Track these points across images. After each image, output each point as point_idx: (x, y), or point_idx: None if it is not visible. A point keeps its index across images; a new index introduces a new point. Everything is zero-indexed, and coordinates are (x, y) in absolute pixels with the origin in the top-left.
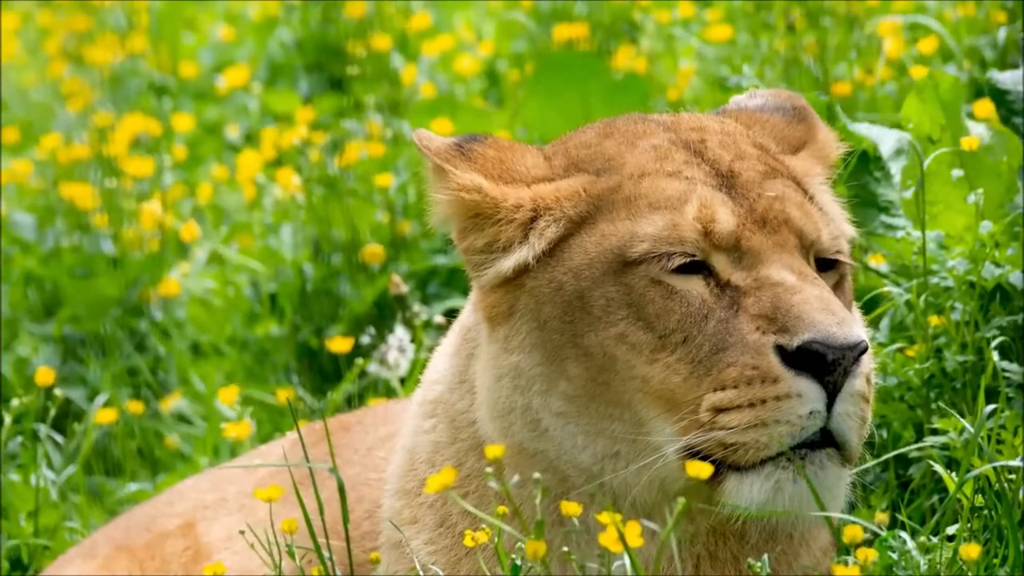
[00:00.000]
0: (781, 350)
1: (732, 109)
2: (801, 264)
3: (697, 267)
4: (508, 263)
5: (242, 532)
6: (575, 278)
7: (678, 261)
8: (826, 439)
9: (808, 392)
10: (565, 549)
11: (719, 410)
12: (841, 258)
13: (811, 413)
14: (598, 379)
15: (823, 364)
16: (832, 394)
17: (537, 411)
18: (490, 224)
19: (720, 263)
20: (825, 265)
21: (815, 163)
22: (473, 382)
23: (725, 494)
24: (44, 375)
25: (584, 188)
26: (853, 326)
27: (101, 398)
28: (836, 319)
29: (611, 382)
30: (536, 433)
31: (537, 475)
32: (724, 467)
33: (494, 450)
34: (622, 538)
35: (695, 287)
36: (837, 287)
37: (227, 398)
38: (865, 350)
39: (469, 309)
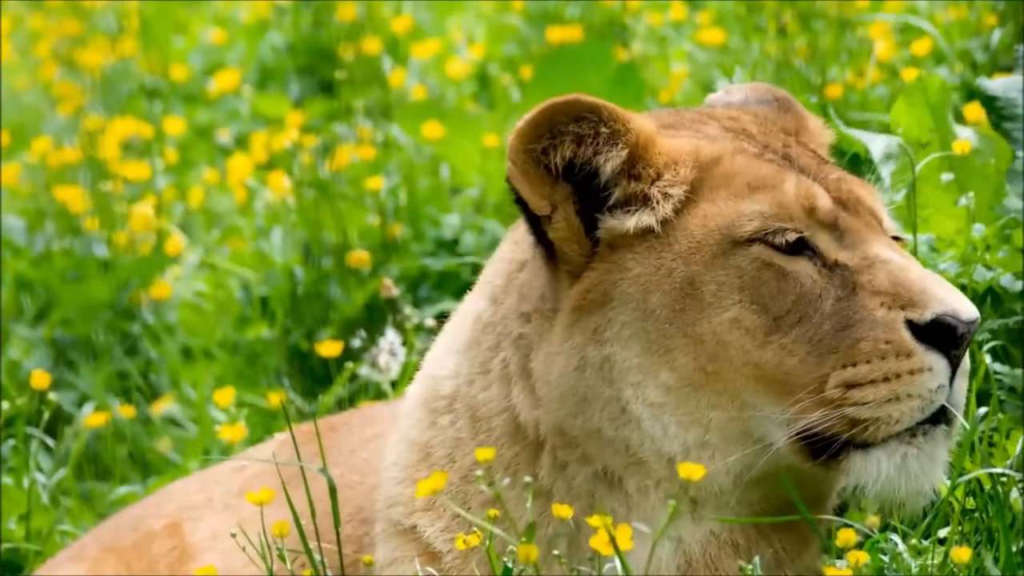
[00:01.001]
0: (911, 324)
1: (715, 106)
2: (893, 242)
3: (801, 247)
4: (628, 223)
5: (233, 535)
6: (684, 263)
7: (791, 236)
8: (941, 415)
9: (937, 366)
10: (556, 552)
11: (850, 386)
12: (902, 236)
13: (939, 387)
14: (707, 368)
15: (952, 338)
16: (954, 368)
17: (628, 401)
18: (646, 174)
19: (824, 242)
20: None
21: (818, 148)
22: (500, 372)
23: (848, 473)
24: (39, 379)
25: (693, 151)
26: (969, 301)
27: (91, 403)
28: (956, 294)
29: (721, 370)
30: (620, 422)
31: (527, 479)
32: (848, 446)
33: (484, 452)
34: (614, 541)
35: (804, 268)
36: None
37: (223, 400)
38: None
39: (485, 304)
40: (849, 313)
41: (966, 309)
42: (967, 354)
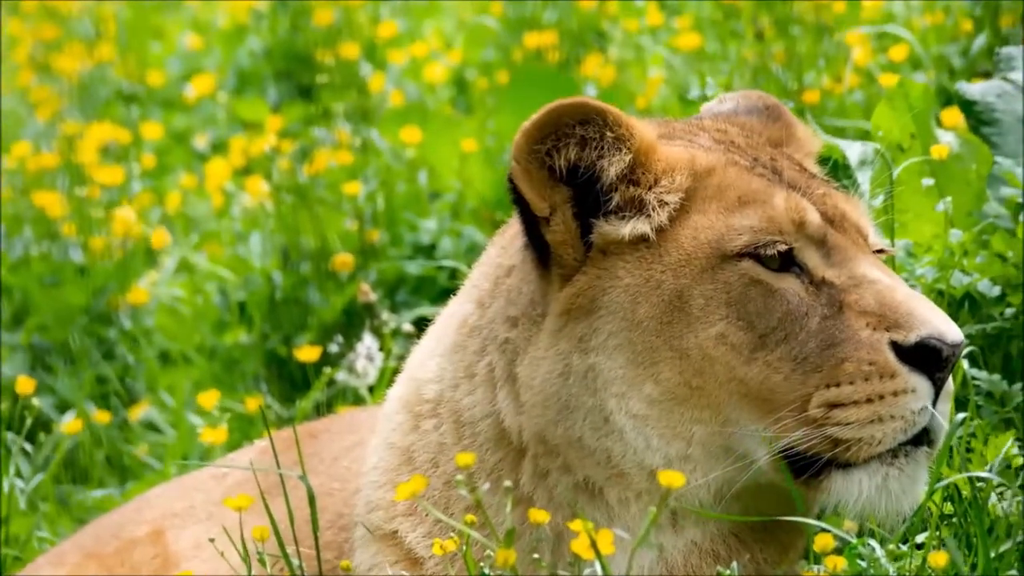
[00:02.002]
0: (895, 346)
1: (705, 116)
2: (879, 260)
3: (789, 263)
4: (624, 229)
5: (212, 540)
6: (674, 275)
7: (781, 248)
8: (922, 437)
9: (921, 388)
10: (536, 556)
11: (833, 406)
12: (886, 249)
13: (922, 409)
14: (692, 382)
15: (937, 360)
16: (938, 391)
17: (611, 412)
18: (645, 181)
19: (812, 258)
20: None
21: (804, 158)
22: (485, 377)
23: (829, 492)
24: (24, 384)
25: (688, 160)
26: (955, 324)
27: (70, 409)
28: (943, 316)
29: (706, 385)
30: (602, 432)
31: (508, 483)
32: (830, 465)
33: (465, 458)
34: (591, 546)
35: (792, 285)
36: None
37: (206, 403)
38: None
39: (472, 308)
40: (834, 332)
41: (951, 332)
42: (951, 377)
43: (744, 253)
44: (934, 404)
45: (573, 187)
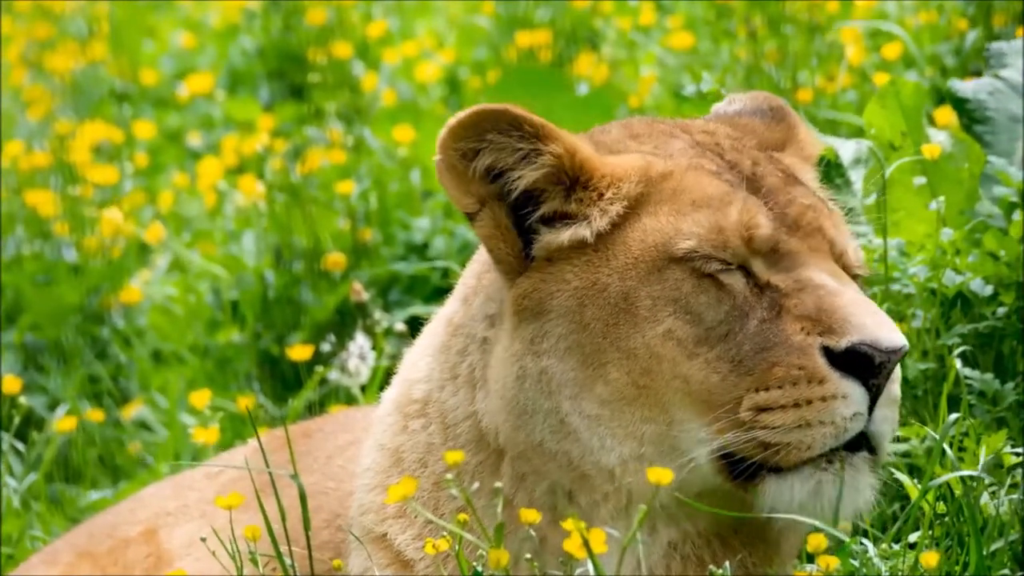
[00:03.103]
0: (827, 351)
1: (707, 117)
2: (837, 269)
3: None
4: (562, 237)
5: (203, 539)
6: (620, 278)
7: (716, 266)
8: (861, 442)
9: (853, 394)
10: (528, 557)
11: (761, 410)
12: (863, 273)
13: (855, 415)
14: (639, 382)
15: (869, 366)
16: (874, 397)
17: (566, 414)
18: (581, 190)
19: (757, 266)
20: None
21: (801, 162)
22: (468, 377)
23: (763, 496)
24: (11, 384)
25: (646, 167)
26: (897, 330)
27: (62, 407)
28: (881, 322)
29: (652, 384)
30: (561, 435)
31: (498, 484)
32: (764, 469)
33: (454, 456)
34: (586, 544)
35: (737, 283)
36: None
37: (198, 402)
38: (906, 354)
39: (457, 306)
40: (769, 336)
41: (888, 338)
42: (896, 382)
43: (688, 258)
44: (871, 410)
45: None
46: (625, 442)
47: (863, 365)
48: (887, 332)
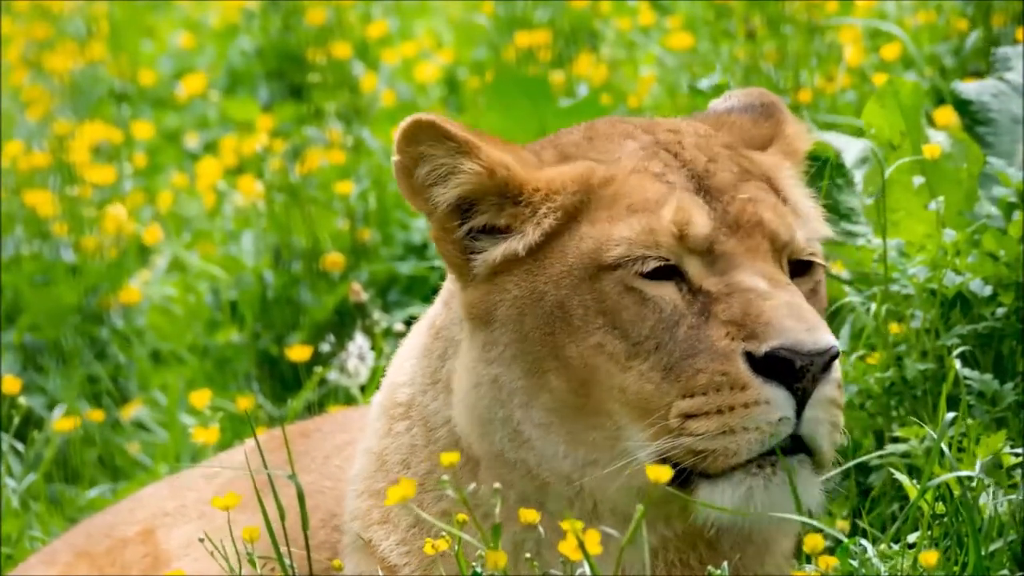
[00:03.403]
0: (750, 357)
1: (703, 113)
2: (773, 270)
3: (670, 272)
4: (495, 253)
5: (201, 540)
6: (555, 287)
7: (652, 265)
8: (797, 445)
9: (776, 399)
10: (527, 556)
11: (688, 416)
12: (816, 259)
13: (780, 420)
14: (579, 391)
15: (792, 371)
16: (802, 400)
17: (519, 422)
18: (509, 206)
19: (693, 268)
20: (801, 268)
21: (784, 158)
22: (447, 382)
23: (691, 501)
24: (11, 384)
25: (586, 174)
26: (823, 332)
27: (61, 407)
28: (806, 325)
29: (591, 393)
30: (517, 443)
31: (498, 485)
32: (695, 475)
33: (449, 457)
34: (582, 546)
35: (667, 293)
36: (813, 291)
37: (198, 402)
38: (835, 356)
39: (440, 308)
40: (695, 342)
41: (810, 341)
42: (831, 383)
43: (618, 264)
44: (800, 413)
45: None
46: (578, 448)
47: (785, 370)
48: (809, 335)
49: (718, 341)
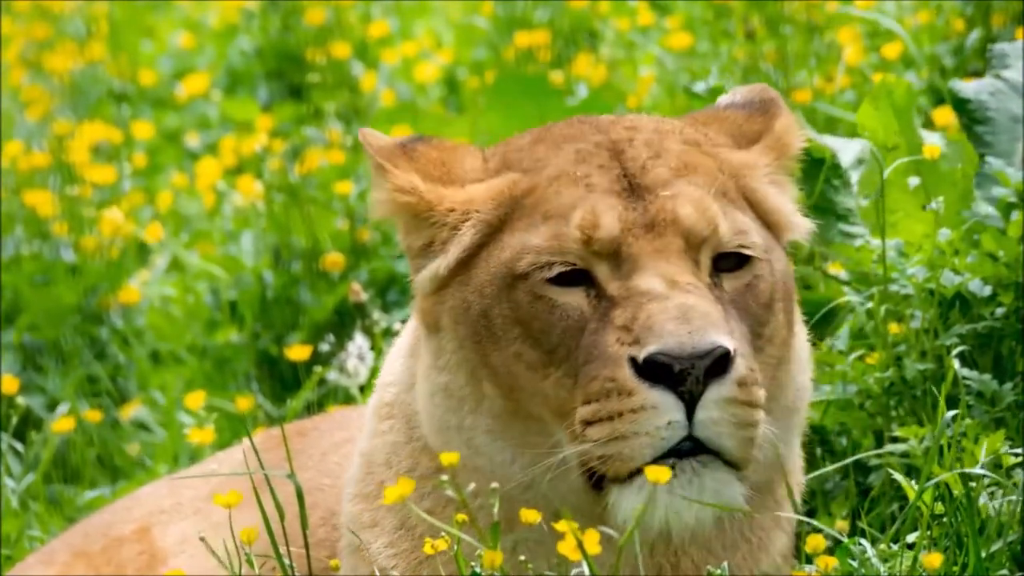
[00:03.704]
0: (634, 362)
1: (704, 109)
2: (677, 270)
3: (579, 278)
4: (427, 272)
5: (202, 539)
6: (480, 297)
7: (557, 270)
8: (699, 447)
9: (663, 403)
10: (522, 558)
11: (587, 423)
12: (746, 252)
13: (669, 424)
14: (510, 397)
15: (670, 375)
16: (691, 403)
17: (470, 429)
18: (426, 226)
19: (602, 272)
20: (734, 263)
21: (767, 154)
22: None
23: (610, 506)
24: (9, 384)
25: (507, 188)
26: (710, 334)
27: (62, 407)
28: (689, 328)
29: (520, 399)
30: (472, 450)
31: (494, 485)
32: (606, 479)
33: (449, 457)
34: (581, 546)
35: (575, 299)
36: (749, 287)
37: (193, 403)
38: (723, 356)
39: None
40: (593, 348)
41: (689, 345)
42: (728, 382)
43: (528, 273)
44: (691, 415)
45: None
46: (524, 453)
47: (666, 374)
48: (690, 338)
49: (609, 347)
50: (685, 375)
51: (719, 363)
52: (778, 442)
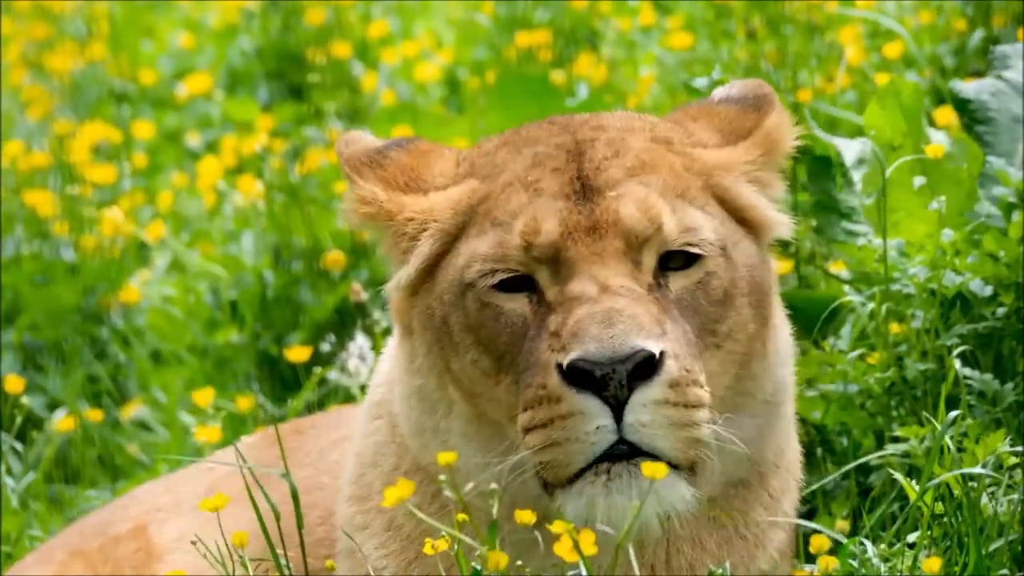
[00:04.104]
0: (561, 368)
1: (698, 101)
2: (612, 273)
3: (523, 284)
4: (393, 281)
5: (194, 543)
6: (440, 303)
7: (500, 277)
8: (635, 450)
9: (589, 409)
10: (519, 563)
11: (527, 429)
12: (692, 250)
13: (597, 428)
14: (471, 402)
15: (592, 380)
16: (618, 407)
17: (445, 432)
18: (388, 235)
19: (543, 278)
20: (681, 261)
21: (754, 150)
22: None
23: (559, 510)
24: (14, 383)
25: (466, 197)
26: (633, 337)
27: (61, 408)
28: (612, 332)
29: (479, 404)
30: (449, 452)
31: (494, 485)
32: (551, 484)
33: (447, 456)
34: (578, 547)
35: (519, 306)
36: (700, 284)
37: (202, 401)
38: (647, 359)
39: None
40: (529, 355)
41: (608, 350)
42: (658, 385)
43: (474, 282)
44: (619, 419)
45: None
46: (495, 456)
47: (589, 380)
48: (612, 343)
49: (542, 354)
50: (607, 380)
51: (643, 366)
52: (762, 437)
